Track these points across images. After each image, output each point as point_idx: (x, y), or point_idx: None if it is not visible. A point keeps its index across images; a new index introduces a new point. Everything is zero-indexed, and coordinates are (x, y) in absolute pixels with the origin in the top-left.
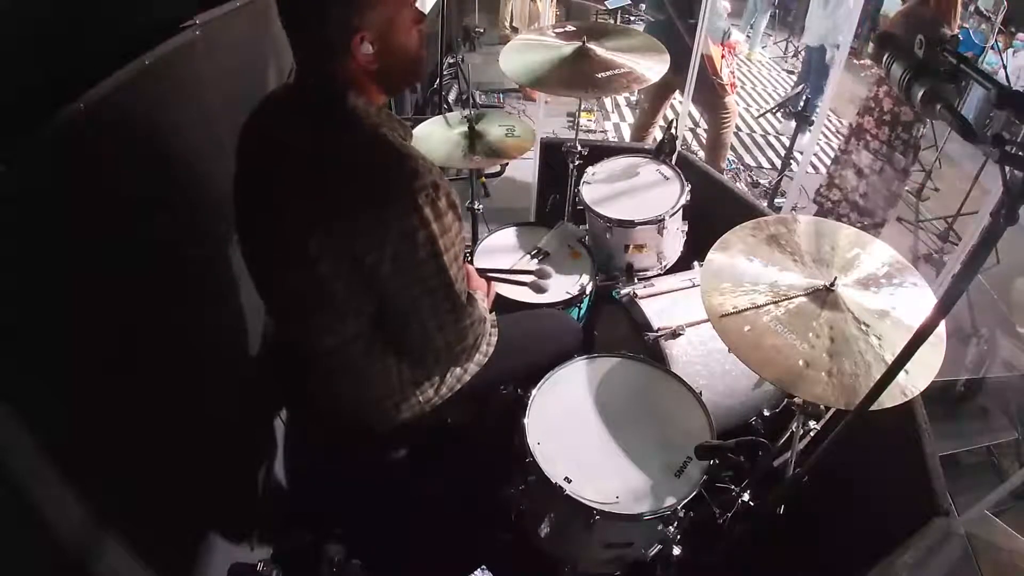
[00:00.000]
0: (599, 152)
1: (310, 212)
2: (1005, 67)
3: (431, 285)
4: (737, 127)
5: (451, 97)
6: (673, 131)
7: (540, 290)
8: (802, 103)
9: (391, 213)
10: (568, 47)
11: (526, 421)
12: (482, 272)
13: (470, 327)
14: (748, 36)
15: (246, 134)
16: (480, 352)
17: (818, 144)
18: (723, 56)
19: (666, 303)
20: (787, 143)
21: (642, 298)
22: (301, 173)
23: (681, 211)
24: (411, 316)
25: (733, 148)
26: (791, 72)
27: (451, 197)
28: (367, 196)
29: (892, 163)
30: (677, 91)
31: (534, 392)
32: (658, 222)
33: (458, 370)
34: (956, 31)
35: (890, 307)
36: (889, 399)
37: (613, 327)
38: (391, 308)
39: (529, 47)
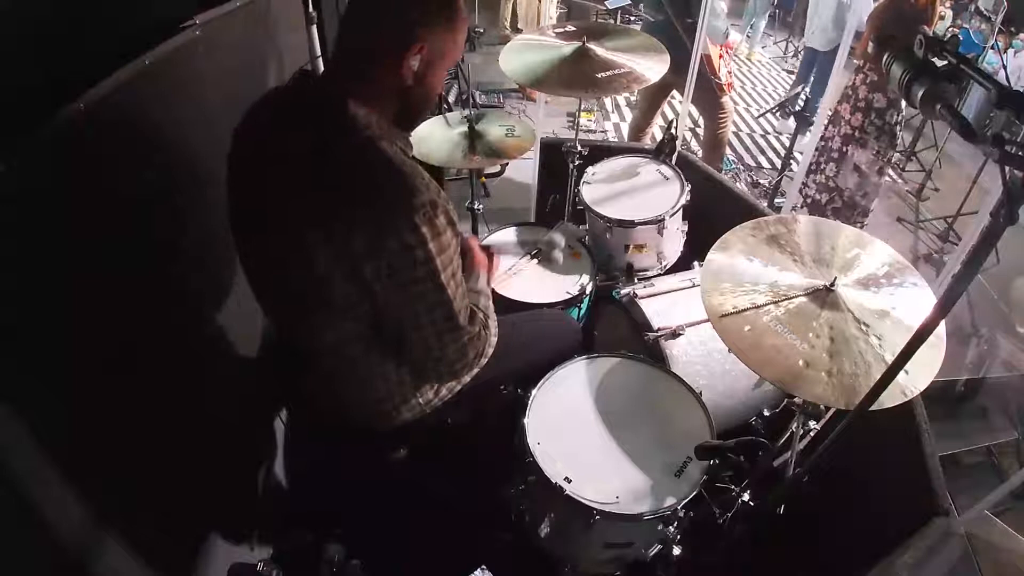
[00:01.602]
0: (599, 152)
1: (308, 213)
2: (1005, 67)
3: (429, 302)
4: (737, 127)
5: (451, 97)
6: (673, 131)
7: (553, 260)
8: (801, 103)
9: (388, 229)
10: (568, 47)
11: (526, 421)
12: (487, 248)
13: (469, 343)
14: (748, 37)
15: (240, 137)
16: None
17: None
18: (721, 56)
19: (666, 303)
20: (787, 143)
21: (642, 298)
22: (299, 175)
23: (681, 211)
24: (410, 331)
25: (733, 148)
26: (791, 72)
27: (449, 214)
28: (364, 209)
29: (867, 148)
30: (675, 91)
31: (534, 392)
32: (658, 222)
33: None
34: (937, 22)
35: (890, 307)
36: (889, 399)
37: (613, 327)
38: (390, 321)
39: (529, 47)
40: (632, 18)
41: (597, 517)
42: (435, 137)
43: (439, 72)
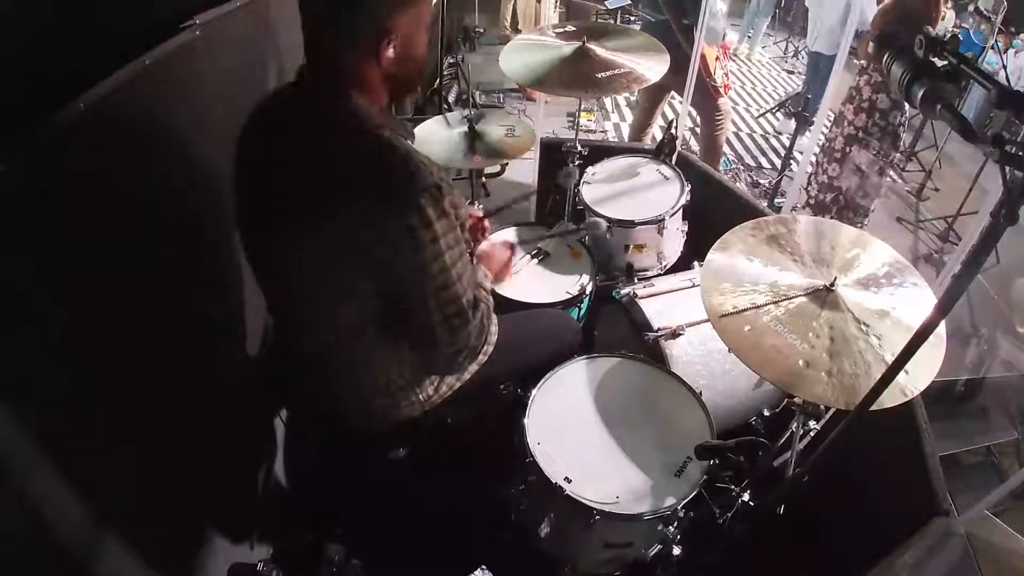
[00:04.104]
0: (599, 152)
1: (313, 213)
2: (1005, 67)
3: (436, 284)
4: (737, 127)
5: (451, 97)
6: (673, 131)
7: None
8: (802, 103)
9: (394, 212)
10: (568, 47)
11: (526, 421)
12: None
13: (472, 332)
14: (749, 37)
15: (246, 135)
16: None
17: (818, 144)
18: (717, 58)
19: (666, 303)
20: (787, 143)
21: (642, 298)
22: (304, 174)
23: (681, 211)
24: (416, 314)
25: (733, 148)
26: (791, 72)
27: (454, 199)
28: (371, 197)
29: (869, 148)
30: (673, 91)
31: (534, 392)
32: (658, 222)
33: None
34: (940, 21)
35: (890, 307)
36: (889, 399)
37: (613, 327)
38: (395, 305)
39: (529, 47)
40: (632, 18)
41: (597, 517)
42: (435, 137)
43: (418, 45)
